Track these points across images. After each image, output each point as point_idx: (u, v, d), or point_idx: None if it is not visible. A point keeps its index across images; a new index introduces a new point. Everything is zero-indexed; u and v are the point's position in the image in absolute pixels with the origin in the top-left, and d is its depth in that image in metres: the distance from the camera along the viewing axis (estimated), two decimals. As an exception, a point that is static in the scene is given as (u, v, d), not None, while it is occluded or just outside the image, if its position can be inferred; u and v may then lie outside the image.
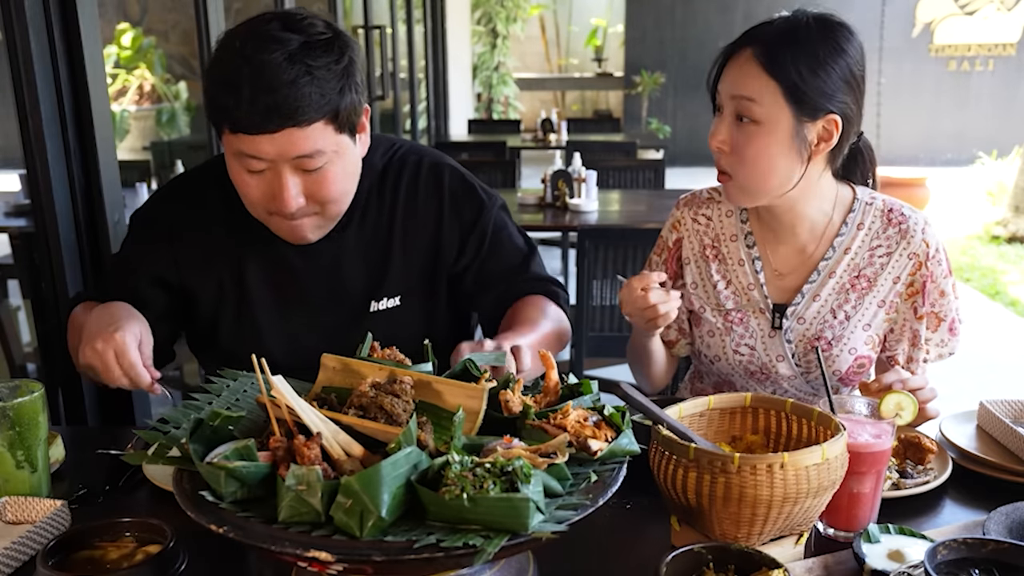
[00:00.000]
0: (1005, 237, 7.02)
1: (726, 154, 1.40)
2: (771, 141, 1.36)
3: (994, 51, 10.78)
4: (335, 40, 1.29)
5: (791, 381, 1.54)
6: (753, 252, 1.54)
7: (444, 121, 8.90)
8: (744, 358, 1.54)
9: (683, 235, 1.60)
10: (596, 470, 0.93)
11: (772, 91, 1.34)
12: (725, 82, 1.39)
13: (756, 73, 1.34)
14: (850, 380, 1.52)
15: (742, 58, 1.37)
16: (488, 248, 1.54)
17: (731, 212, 1.57)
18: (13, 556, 1.06)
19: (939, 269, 1.48)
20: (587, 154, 4.64)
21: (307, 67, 1.24)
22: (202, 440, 0.92)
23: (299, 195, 1.31)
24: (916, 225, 1.48)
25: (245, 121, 1.24)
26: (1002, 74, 10.80)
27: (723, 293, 1.55)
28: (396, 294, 1.52)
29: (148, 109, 8.15)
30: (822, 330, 1.49)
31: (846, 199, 1.50)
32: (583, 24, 13.85)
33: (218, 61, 1.28)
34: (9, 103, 1.87)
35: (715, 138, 1.40)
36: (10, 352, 3.06)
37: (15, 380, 1.23)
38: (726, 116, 1.39)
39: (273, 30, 1.25)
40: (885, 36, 10.83)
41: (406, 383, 1.01)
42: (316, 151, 1.27)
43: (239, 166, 1.31)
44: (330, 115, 1.27)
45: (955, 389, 4.16)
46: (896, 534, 1.06)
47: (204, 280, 1.49)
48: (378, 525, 0.82)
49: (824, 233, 1.49)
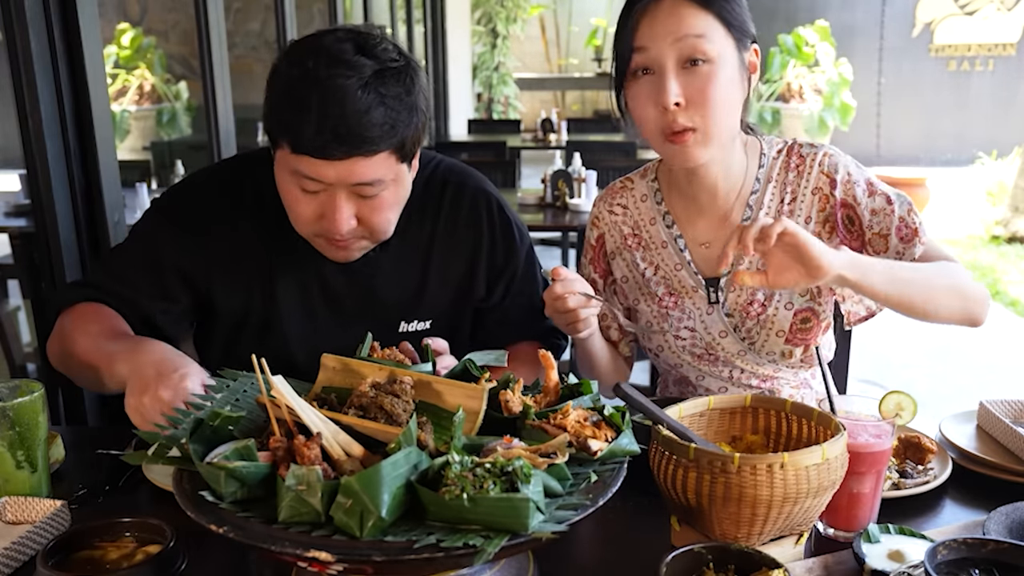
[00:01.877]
0: (1005, 237, 7.02)
1: (681, 109, 1.31)
2: (727, 77, 1.31)
3: (994, 51, 10.78)
4: (407, 68, 1.26)
5: (742, 357, 1.49)
6: (674, 231, 1.50)
7: (444, 121, 8.91)
8: (687, 342, 1.51)
9: (603, 230, 1.58)
10: (596, 470, 0.93)
11: (714, 24, 1.30)
12: (654, 33, 1.30)
13: (693, 11, 1.30)
14: (798, 339, 1.46)
15: (666, 4, 1.30)
16: (513, 293, 1.57)
17: (645, 196, 1.54)
18: (13, 556, 1.06)
19: (856, 190, 1.40)
20: (587, 154, 4.64)
21: (380, 96, 1.21)
22: (202, 440, 0.92)
23: (351, 218, 1.29)
24: (813, 160, 1.43)
25: (310, 145, 1.21)
26: (1002, 74, 10.80)
27: (652, 280, 1.52)
28: (428, 318, 1.52)
29: (148, 109, 8.14)
30: (754, 292, 1.45)
31: (755, 148, 1.47)
32: (583, 24, 13.83)
33: (286, 77, 1.24)
34: (9, 103, 1.87)
35: (667, 95, 1.29)
36: (10, 352, 3.06)
37: (15, 380, 1.22)
38: (668, 68, 1.30)
39: (347, 53, 1.22)
40: (885, 36, 10.83)
41: (406, 383, 1.01)
42: (377, 180, 1.26)
43: (293, 184, 1.28)
44: (396, 146, 1.25)
45: (955, 389, 4.16)
46: (896, 534, 1.06)
47: (231, 283, 1.45)
48: (378, 525, 0.82)
49: (740, 194, 1.45)
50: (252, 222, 1.43)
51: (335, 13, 4.76)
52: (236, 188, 1.45)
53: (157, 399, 1.12)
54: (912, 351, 4.69)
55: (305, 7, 5.77)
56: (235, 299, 1.46)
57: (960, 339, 4.88)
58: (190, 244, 1.43)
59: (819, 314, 1.47)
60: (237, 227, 1.44)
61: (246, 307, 1.47)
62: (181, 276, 1.44)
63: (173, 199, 1.49)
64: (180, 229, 1.44)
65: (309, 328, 1.48)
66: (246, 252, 1.44)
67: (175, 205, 1.47)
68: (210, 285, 1.46)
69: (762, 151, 1.47)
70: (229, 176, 1.48)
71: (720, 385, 1.53)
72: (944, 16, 10.80)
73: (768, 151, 1.46)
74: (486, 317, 1.59)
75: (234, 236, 1.44)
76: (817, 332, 1.47)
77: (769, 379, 1.52)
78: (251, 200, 1.42)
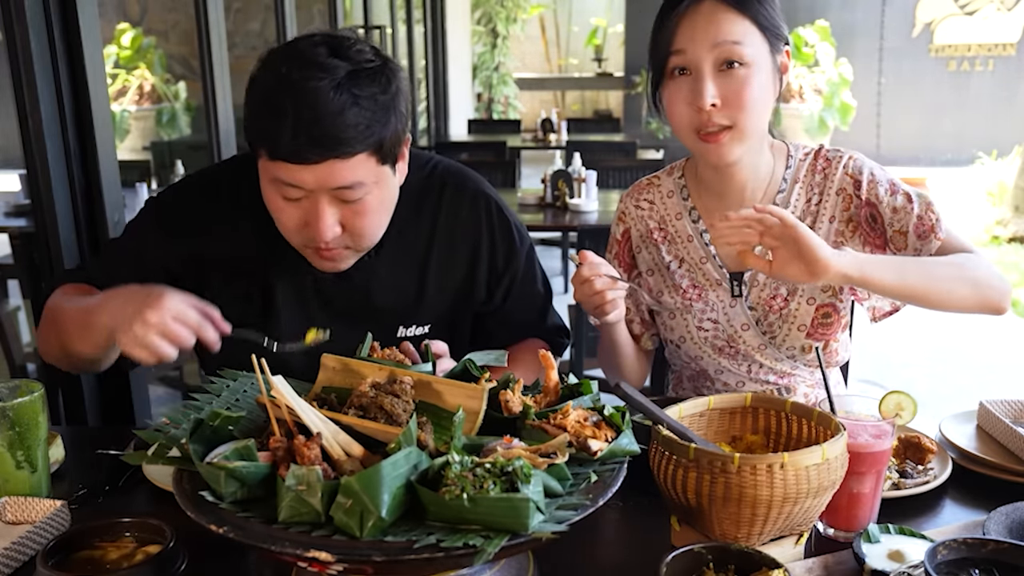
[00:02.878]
0: (1005, 237, 7.02)
1: (718, 109, 1.36)
2: (762, 79, 1.37)
3: (994, 51, 10.78)
4: (382, 69, 1.25)
5: (762, 352, 1.52)
6: (700, 226, 1.54)
7: (444, 121, 8.91)
8: (709, 334, 1.53)
9: (629, 225, 1.61)
10: (596, 470, 0.93)
11: (751, 29, 1.35)
12: (694, 36, 1.36)
13: (731, 17, 1.35)
14: (819, 334, 1.50)
15: (705, 8, 1.36)
16: (514, 295, 1.57)
17: (672, 192, 1.57)
18: (13, 556, 1.06)
19: (879, 190, 1.45)
20: (587, 154, 4.64)
21: (353, 97, 1.20)
22: (202, 440, 0.92)
23: (335, 225, 1.27)
24: (838, 162, 1.48)
25: (286, 150, 1.20)
26: (1002, 74, 10.80)
27: (677, 272, 1.54)
28: (427, 322, 1.52)
29: (148, 109, 8.15)
30: (777, 287, 1.49)
31: (782, 151, 1.52)
32: (583, 24, 13.84)
33: (260, 83, 1.24)
34: (9, 103, 1.87)
35: (704, 96, 1.34)
36: (10, 352, 3.06)
37: (15, 380, 1.22)
38: (706, 71, 1.35)
39: (320, 56, 1.21)
40: (885, 36, 10.83)
41: (406, 383, 1.01)
42: (357, 183, 1.24)
43: (275, 193, 1.27)
44: (374, 147, 1.23)
45: (955, 389, 4.16)
46: (896, 534, 1.06)
47: (229, 287, 1.44)
48: (378, 525, 0.82)
49: (767, 190, 1.50)
50: (250, 225, 1.42)
51: (335, 13, 4.76)
52: (234, 190, 1.43)
53: (146, 323, 1.14)
54: (912, 351, 4.69)
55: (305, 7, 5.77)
56: (232, 304, 1.44)
57: (960, 339, 4.88)
58: (181, 246, 1.42)
59: (839, 310, 1.50)
60: (235, 229, 1.43)
61: (243, 312, 1.45)
62: (168, 276, 1.41)
63: (168, 200, 1.48)
64: (171, 231, 1.43)
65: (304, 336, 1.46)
66: (244, 256, 1.43)
67: (170, 206, 1.47)
68: (203, 288, 1.42)
69: (789, 153, 1.51)
70: (227, 178, 1.47)
71: (738, 380, 1.56)
72: (944, 16, 10.80)
73: (795, 153, 1.51)
74: (487, 320, 1.58)
75: (232, 239, 1.43)
76: (837, 328, 1.51)
77: (786, 375, 1.55)
78: (248, 202, 1.40)
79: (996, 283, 1.37)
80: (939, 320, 5.27)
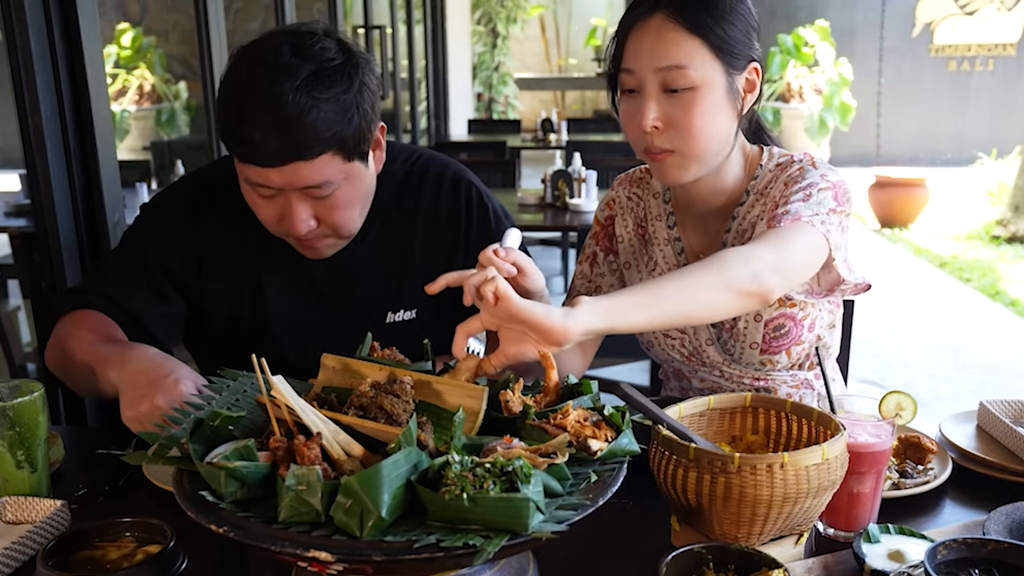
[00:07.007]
0: (1005, 237, 7.02)
1: (659, 132, 1.30)
2: (710, 103, 1.28)
3: (994, 51, 10.78)
4: (346, 66, 1.26)
5: (727, 365, 1.47)
6: (674, 233, 1.50)
7: (444, 121, 8.90)
8: (676, 341, 1.51)
9: (616, 213, 1.58)
10: (596, 470, 0.93)
11: (701, 51, 1.26)
12: (639, 56, 1.28)
13: (679, 37, 1.26)
14: (774, 348, 1.43)
15: (653, 25, 1.27)
16: None
17: (657, 194, 1.53)
18: (13, 556, 1.06)
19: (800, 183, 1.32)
20: (587, 154, 4.64)
21: (313, 100, 1.21)
22: (202, 440, 0.92)
23: (310, 219, 1.32)
24: (784, 169, 1.39)
25: (252, 154, 1.24)
26: (1002, 74, 10.80)
27: (653, 275, 1.52)
28: (412, 307, 1.53)
29: (148, 109, 8.15)
30: None
31: (756, 159, 1.43)
32: (583, 24, 13.83)
33: (227, 86, 1.26)
34: (9, 103, 1.87)
35: (645, 119, 1.28)
36: (10, 352, 3.06)
37: (15, 380, 1.22)
38: (649, 92, 1.28)
39: (283, 57, 1.23)
40: (885, 36, 10.83)
41: (406, 383, 1.01)
42: (324, 182, 1.27)
43: (251, 190, 1.32)
44: (337, 146, 1.25)
45: (955, 389, 4.16)
46: (896, 534, 1.06)
47: (223, 282, 1.48)
48: (378, 525, 0.82)
49: (726, 203, 1.44)
50: (241, 220, 1.44)
51: (335, 13, 4.76)
52: (225, 188, 1.45)
53: (154, 407, 1.13)
54: (912, 351, 4.69)
55: (305, 7, 5.77)
56: (226, 298, 1.49)
57: (960, 339, 4.88)
58: (178, 244, 1.46)
59: (796, 317, 1.43)
60: (227, 226, 1.46)
61: (237, 306, 1.49)
62: (169, 276, 1.46)
63: (160, 201, 1.51)
64: (167, 230, 1.46)
65: (297, 323, 1.50)
66: (236, 250, 1.47)
67: (162, 207, 1.50)
68: (202, 285, 1.48)
69: (760, 163, 1.43)
70: (218, 176, 1.49)
71: (713, 382, 1.53)
72: (944, 16, 10.80)
73: (767, 163, 1.43)
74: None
75: (224, 235, 1.47)
76: (798, 335, 1.43)
77: (762, 379, 1.49)
78: (238, 199, 1.43)
79: (741, 271, 1.16)
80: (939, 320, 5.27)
